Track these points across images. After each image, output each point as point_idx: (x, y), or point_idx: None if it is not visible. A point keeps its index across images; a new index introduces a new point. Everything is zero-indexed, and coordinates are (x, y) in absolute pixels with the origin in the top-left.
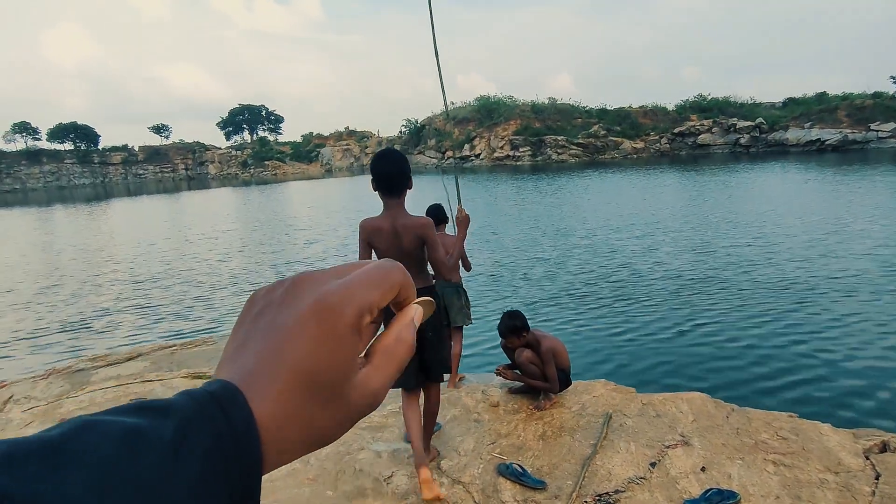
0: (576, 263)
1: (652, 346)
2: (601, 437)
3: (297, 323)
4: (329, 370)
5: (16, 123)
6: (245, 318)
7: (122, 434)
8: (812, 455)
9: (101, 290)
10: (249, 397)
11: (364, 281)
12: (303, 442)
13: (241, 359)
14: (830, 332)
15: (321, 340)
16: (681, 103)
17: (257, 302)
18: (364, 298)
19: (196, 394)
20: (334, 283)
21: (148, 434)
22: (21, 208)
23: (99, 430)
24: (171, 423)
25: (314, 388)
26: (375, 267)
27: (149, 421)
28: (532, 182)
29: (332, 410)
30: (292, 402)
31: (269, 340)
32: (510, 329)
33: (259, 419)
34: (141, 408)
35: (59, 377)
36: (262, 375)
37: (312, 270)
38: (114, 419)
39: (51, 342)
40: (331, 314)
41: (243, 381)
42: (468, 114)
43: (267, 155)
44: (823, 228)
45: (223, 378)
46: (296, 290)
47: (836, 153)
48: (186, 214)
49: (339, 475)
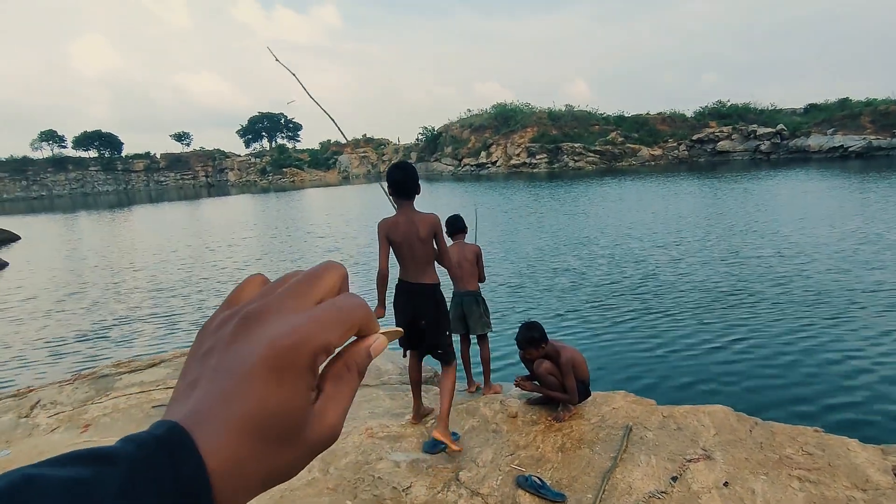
0: (596, 273)
1: (672, 357)
2: (621, 449)
3: (248, 368)
4: (283, 415)
5: (43, 132)
6: (196, 354)
7: (64, 491)
8: (839, 471)
9: (124, 297)
10: (199, 442)
11: (322, 322)
12: (258, 484)
13: (191, 400)
14: (856, 345)
15: (273, 390)
16: (699, 110)
17: (207, 338)
18: (320, 341)
19: (142, 439)
20: (288, 321)
21: (92, 489)
22: (47, 214)
23: (38, 486)
24: (116, 475)
25: (268, 432)
26: (335, 307)
27: (92, 472)
28: (550, 190)
29: (288, 450)
30: (245, 448)
31: (219, 384)
32: (528, 340)
33: (210, 466)
34: (83, 457)
35: (84, 383)
36: (213, 421)
37: (262, 303)
38: (54, 474)
39: (76, 348)
40: (284, 362)
41: (193, 424)
42: (485, 121)
43: (285, 162)
44: (855, 238)
45: (172, 419)
46: (246, 330)
47: (861, 160)
48: (206, 221)
49: (358, 484)
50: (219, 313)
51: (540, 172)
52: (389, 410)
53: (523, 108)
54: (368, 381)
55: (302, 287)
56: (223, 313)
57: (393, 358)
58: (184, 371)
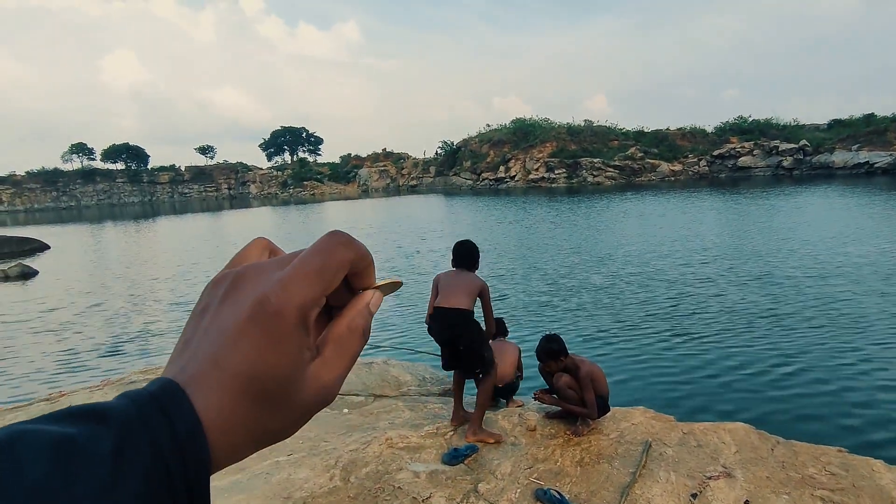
0: (617, 288)
1: (692, 373)
2: (640, 465)
3: (236, 327)
4: (272, 374)
5: (73, 144)
6: (194, 312)
7: (54, 449)
8: (863, 492)
9: (150, 306)
10: (193, 397)
11: (303, 272)
12: (252, 442)
13: (185, 357)
14: (881, 364)
15: (262, 346)
16: (720, 125)
17: (203, 298)
18: (305, 293)
19: (136, 395)
20: (272, 278)
21: (83, 448)
22: (75, 224)
23: (28, 443)
24: (108, 433)
25: (258, 393)
26: (314, 251)
27: (85, 430)
28: (570, 205)
29: (281, 411)
30: (237, 405)
31: (211, 342)
32: (548, 353)
33: (204, 421)
34: (76, 414)
35: (112, 388)
36: (203, 378)
37: (254, 265)
38: (45, 429)
39: (105, 355)
40: (270, 317)
41: (186, 380)
42: (504, 136)
43: (306, 175)
44: (879, 255)
45: (167, 376)
46: (237, 288)
47: (887, 176)
48: (229, 232)
49: (378, 494)
50: (217, 276)
51: (559, 187)
52: (409, 421)
53: (542, 123)
54: (387, 392)
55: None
56: (220, 274)
57: (412, 370)
58: (184, 329)
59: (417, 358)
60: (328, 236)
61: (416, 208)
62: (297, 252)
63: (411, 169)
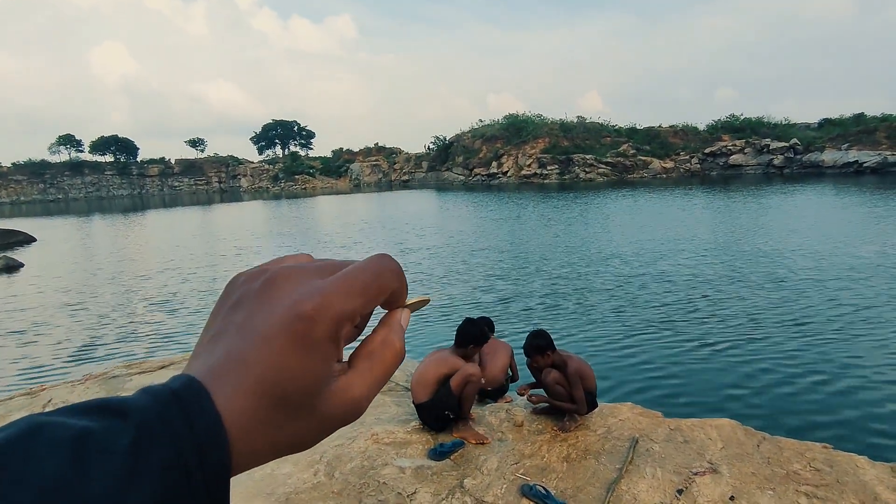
0: (604, 285)
1: (679, 370)
2: (627, 461)
3: (268, 330)
4: (297, 383)
5: (61, 136)
6: (222, 307)
7: (71, 443)
8: (847, 488)
9: (136, 300)
10: (216, 397)
11: (347, 286)
12: (271, 449)
13: (211, 354)
14: (869, 363)
15: (290, 353)
16: (712, 123)
17: (235, 290)
18: (344, 308)
19: (158, 392)
20: (313, 286)
21: (101, 443)
22: (62, 217)
23: (46, 436)
24: (127, 429)
25: (281, 399)
26: (362, 269)
27: (103, 424)
28: (563, 201)
29: (303, 421)
30: (259, 409)
31: (239, 342)
32: (534, 348)
33: (226, 423)
34: (95, 408)
35: (95, 383)
36: (229, 379)
37: (295, 265)
38: (64, 421)
39: (87, 349)
40: (303, 325)
41: (210, 378)
42: (496, 132)
43: (297, 169)
44: (869, 255)
45: (191, 373)
46: (273, 288)
47: (875, 176)
48: (218, 227)
49: (363, 489)
50: (249, 270)
51: (551, 183)
52: (395, 416)
53: (535, 119)
54: None
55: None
56: (254, 270)
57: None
58: (208, 323)
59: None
60: (380, 258)
61: (409, 204)
62: (340, 262)
63: (403, 164)
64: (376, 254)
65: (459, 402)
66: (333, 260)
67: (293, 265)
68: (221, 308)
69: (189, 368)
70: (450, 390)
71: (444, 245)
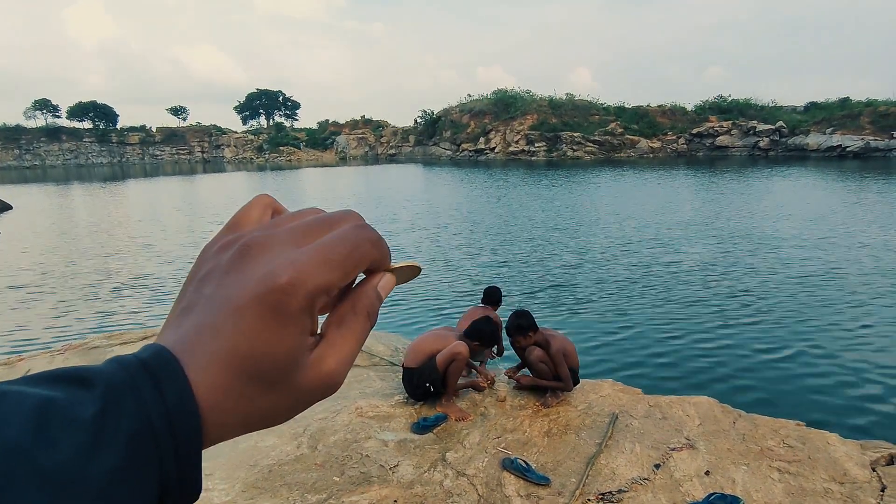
0: (587, 263)
1: (660, 348)
2: (606, 436)
3: (241, 302)
4: (271, 357)
5: (37, 100)
6: (194, 277)
7: (33, 412)
8: (818, 464)
9: (116, 270)
10: (187, 368)
11: (324, 258)
12: (242, 422)
13: (182, 326)
14: (842, 342)
15: (264, 325)
16: (700, 104)
17: (207, 260)
18: (320, 280)
19: (126, 361)
20: (288, 256)
21: (64, 412)
22: (40, 184)
23: (7, 404)
24: (93, 398)
25: (254, 372)
26: (340, 240)
27: (68, 393)
28: (552, 178)
29: (276, 395)
30: (231, 382)
31: (211, 313)
32: (517, 328)
33: (196, 394)
34: (60, 377)
35: (74, 353)
36: (201, 349)
37: (269, 230)
38: (26, 390)
39: (67, 319)
40: (278, 298)
41: (181, 349)
42: (485, 107)
43: (282, 141)
44: (847, 238)
45: (161, 343)
46: (246, 258)
47: (858, 160)
48: (203, 198)
49: (345, 461)
50: (221, 236)
51: (538, 160)
52: (379, 391)
53: (524, 94)
54: (360, 362)
55: (316, 228)
56: (225, 237)
57: (384, 339)
58: (180, 295)
59: (389, 328)
60: (357, 229)
61: (397, 178)
62: (312, 221)
63: (390, 137)
64: (351, 221)
65: (444, 378)
66: (302, 211)
67: (265, 233)
68: (193, 279)
69: (160, 339)
70: (435, 364)
71: (431, 219)
